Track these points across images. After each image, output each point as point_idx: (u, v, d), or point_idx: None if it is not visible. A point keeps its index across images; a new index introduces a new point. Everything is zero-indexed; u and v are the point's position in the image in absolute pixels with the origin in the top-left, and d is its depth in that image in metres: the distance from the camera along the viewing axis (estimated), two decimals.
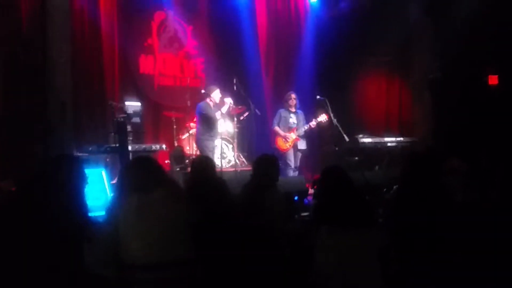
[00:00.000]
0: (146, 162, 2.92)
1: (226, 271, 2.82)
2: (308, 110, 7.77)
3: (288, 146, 7.33)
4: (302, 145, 7.44)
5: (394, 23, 8.36)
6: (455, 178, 3.72)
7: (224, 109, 7.19)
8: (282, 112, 7.45)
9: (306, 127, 7.35)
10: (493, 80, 7.60)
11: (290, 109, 7.42)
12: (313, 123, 7.31)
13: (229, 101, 7.23)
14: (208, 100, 7.10)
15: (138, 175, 2.72)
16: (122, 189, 2.72)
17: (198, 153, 7.51)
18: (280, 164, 4.46)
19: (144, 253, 2.49)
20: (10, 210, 2.80)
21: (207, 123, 7.05)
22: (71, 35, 7.09)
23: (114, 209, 2.67)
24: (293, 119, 7.40)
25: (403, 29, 8.44)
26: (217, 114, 7.13)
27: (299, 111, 7.48)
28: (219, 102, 7.17)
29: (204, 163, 3.82)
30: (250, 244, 3.03)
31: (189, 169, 6.32)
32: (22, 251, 2.60)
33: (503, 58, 7.34)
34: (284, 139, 7.34)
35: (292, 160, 7.32)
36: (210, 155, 6.71)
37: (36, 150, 6.18)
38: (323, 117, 7.25)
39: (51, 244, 2.62)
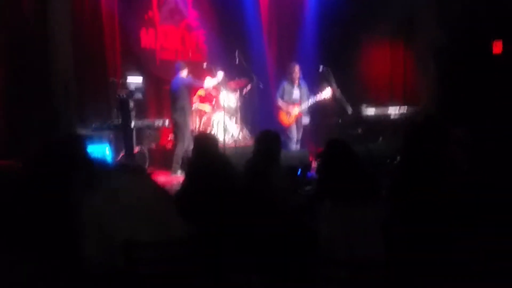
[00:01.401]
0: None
1: (230, 247, 2.86)
2: (312, 81, 7.69)
3: (291, 121, 7.30)
4: (305, 119, 7.40)
5: None
6: (459, 148, 3.72)
7: (218, 79, 7.18)
8: (286, 85, 7.36)
9: (310, 102, 7.28)
10: (497, 47, 7.50)
11: (293, 82, 7.34)
12: (318, 98, 7.23)
13: (221, 74, 7.22)
14: (184, 73, 7.07)
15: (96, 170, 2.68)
16: (88, 186, 2.65)
17: (201, 128, 7.55)
18: (282, 138, 4.46)
19: (136, 237, 2.46)
20: (18, 188, 2.85)
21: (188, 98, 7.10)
22: (71, 10, 7.02)
23: (89, 207, 2.60)
24: (296, 93, 7.33)
25: None
26: (209, 83, 7.15)
27: (303, 83, 7.40)
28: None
29: (207, 139, 3.82)
30: (254, 220, 3.06)
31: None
32: (29, 229, 2.64)
33: (508, 26, 7.23)
34: (287, 114, 7.30)
35: (294, 134, 7.31)
36: (187, 131, 6.80)
37: (41, 128, 6.21)
38: (327, 93, 7.15)
39: (57, 222, 2.66)
